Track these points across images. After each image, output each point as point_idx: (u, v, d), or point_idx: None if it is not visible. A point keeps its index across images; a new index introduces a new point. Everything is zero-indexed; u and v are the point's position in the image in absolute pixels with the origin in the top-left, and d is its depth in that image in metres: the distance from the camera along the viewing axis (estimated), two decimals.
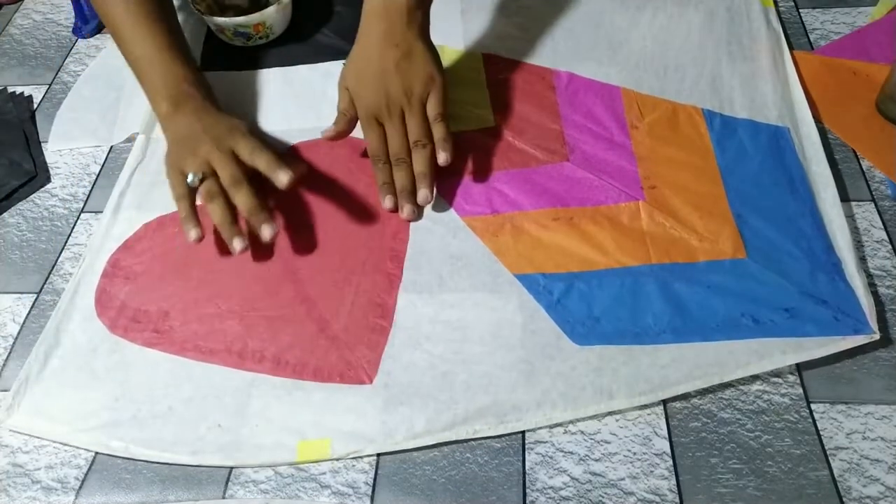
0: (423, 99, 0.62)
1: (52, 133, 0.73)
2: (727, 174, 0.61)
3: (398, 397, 0.52)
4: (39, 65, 0.80)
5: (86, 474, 0.51)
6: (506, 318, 0.55)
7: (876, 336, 0.51)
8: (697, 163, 0.63)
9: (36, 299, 0.60)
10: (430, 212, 0.62)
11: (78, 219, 0.66)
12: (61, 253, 0.63)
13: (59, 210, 0.67)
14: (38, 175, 0.69)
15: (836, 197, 0.59)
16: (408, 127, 0.62)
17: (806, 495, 0.46)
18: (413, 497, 0.48)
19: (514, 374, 0.52)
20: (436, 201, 0.62)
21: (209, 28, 0.78)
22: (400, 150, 0.61)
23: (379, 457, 0.50)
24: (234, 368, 0.54)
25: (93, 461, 0.51)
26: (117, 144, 0.71)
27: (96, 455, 0.52)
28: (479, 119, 0.68)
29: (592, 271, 0.57)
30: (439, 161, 0.60)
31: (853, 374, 0.51)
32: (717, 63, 0.70)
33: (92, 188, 0.68)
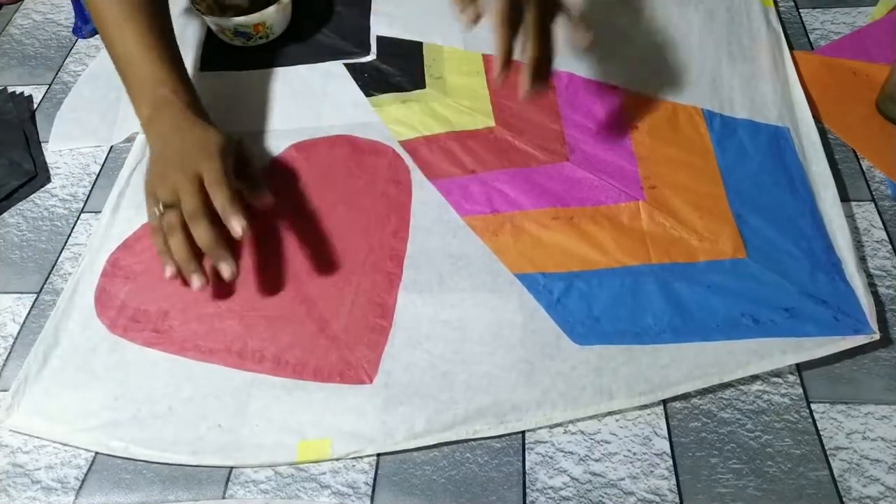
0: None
1: (52, 133, 0.73)
2: (727, 174, 0.62)
3: (398, 397, 0.52)
4: (39, 65, 0.80)
5: (86, 474, 0.51)
6: (506, 318, 0.55)
7: (876, 336, 0.51)
8: (697, 163, 0.63)
9: (36, 299, 0.60)
10: (430, 211, 0.62)
11: (78, 219, 0.66)
12: (61, 253, 0.63)
13: (59, 210, 0.67)
14: (38, 175, 0.69)
15: (836, 197, 0.59)
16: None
17: (806, 495, 0.46)
18: (413, 497, 0.48)
19: (514, 374, 0.52)
20: (436, 201, 0.62)
21: (209, 28, 0.78)
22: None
23: (379, 457, 0.50)
24: (234, 368, 0.54)
25: (93, 461, 0.51)
26: (117, 144, 0.71)
27: (96, 455, 0.52)
28: (479, 119, 0.68)
29: (592, 271, 0.57)
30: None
31: (853, 374, 0.51)
32: (717, 63, 0.70)
33: (92, 188, 0.68)
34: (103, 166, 0.69)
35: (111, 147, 0.71)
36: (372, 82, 0.72)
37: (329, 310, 0.57)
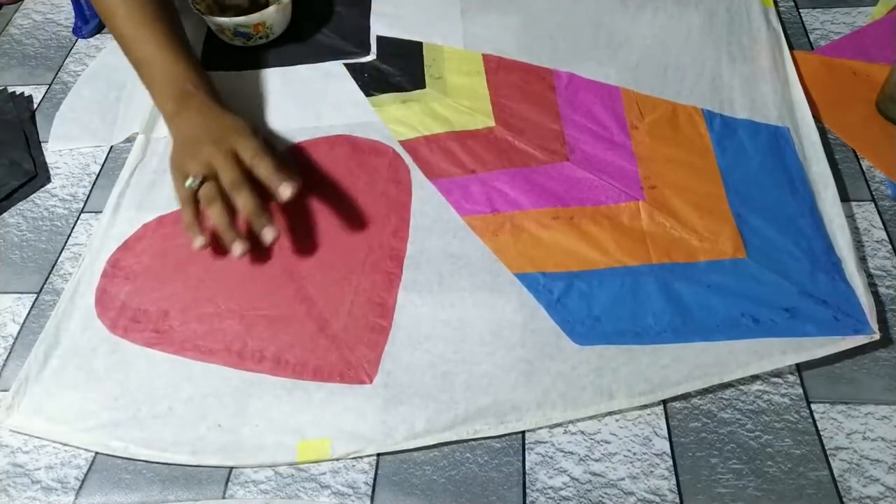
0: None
1: (52, 133, 0.73)
2: (727, 174, 0.61)
3: (398, 397, 0.52)
4: (39, 65, 0.80)
5: (86, 474, 0.51)
6: (506, 318, 0.55)
7: (876, 336, 0.51)
8: (697, 163, 0.63)
9: (36, 299, 0.60)
10: (431, 211, 0.62)
11: (78, 219, 0.66)
12: (61, 253, 0.63)
13: (59, 210, 0.67)
14: (38, 175, 0.69)
15: (836, 197, 0.59)
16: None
17: (806, 495, 0.46)
18: (413, 497, 0.48)
19: (514, 374, 0.52)
20: (436, 201, 0.62)
21: (209, 28, 0.78)
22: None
23: (379, 457, 0.50)
24: (234, 368, 0.54)
25: (93, 461, 0.51)
26: (117, 144, 0.71)
27: (96, 455, 0.52)
28: (479, 119, 0.68)
29: (592, 271, 0.57)
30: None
31: (853, 374, 0.51)
32: (717, 63, 0.70)
33: (92, 188, 0.68)
34: (103, 166, 0.69)
35: (111, 147, 0.71)
36: (372, 82, 0.72)
37: (329, 309, 0.57)
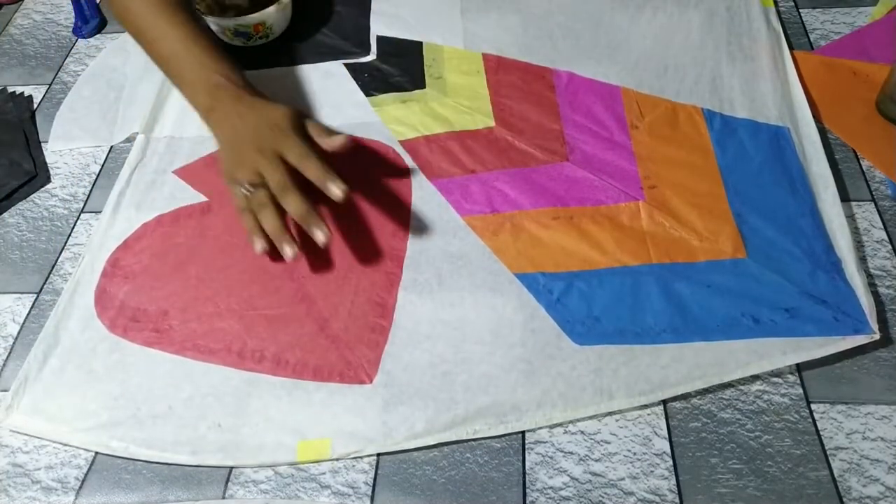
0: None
1: (52, 133, 0.73)
2: (727, 174, 0.61)
3: (398, 397, 0.52)
4: (39, 65, 0.80)
5: (86, 474, 0.51)
6: (506, 318, 0.55)
7: (876, 336, 0.51)
8: (697, 162, 0.63)
9: (36, 299, 0.60)
10: (430, 211, 0.62)
11: (78, 219, 0.66)
12: (61, 253, 0.63)
13: (59, 210, 0.67)
14: (38, 175, 0.69)
15: (836, 197, 0.59)
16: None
17: (806, 495, 0.46)
18: (413, 497, 0.48)
19: (514, 374, 0.52)
20: (436, 200, 0.62)
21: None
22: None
23: (379, 457, 0.50)
24: (234, 368, 0.54)
25: (93, 461, 0.51)
26: (117, 144, 0.71)
27: (96, 455, 0.52)
28: (479, 119, 0.68)
29: (592, 270, 0.57)
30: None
31: (853, 374, 0.51)
32: (717, 63, 0.70)
33: (92, 188, 0.68)
34: (103, 166, 0.69)
35: (111, 147, 0.71)
36: (372, 82, 0.72)
37: (329, 309, 0.57)
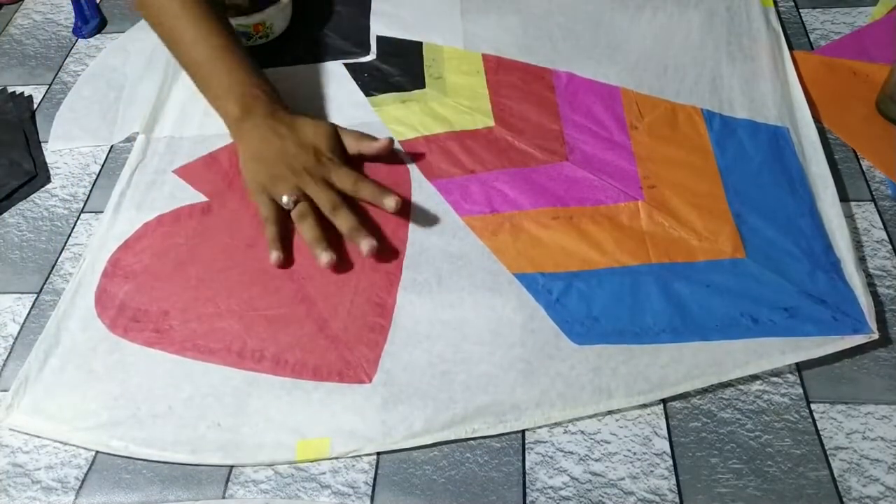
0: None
1: (52, 133, 0.73)
2: (727, 174, 0.61)
3: (397, 396, 0.52)
4: (39, 65, 0.80)
5: (86, 474, 0.51)
6: (505, 318, 0.55)
7: (875, 336, 0.51)
8: (697, 163, 0.63)
9: (36, 299, 0.61)
10: (430, 211, 0.62)
11: (78, 219, 0.66)
12: (61, 253, 0.63)
13: (59, 210, 0.67)
14: (38, 175, 0.69)
15: (836, 197, 0.59)
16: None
17: (806, 495, 0.46)
18: (413, 497, 0.48)
19: (513, 374, 0.52)
20: (435, 201, 0.62)
21: None
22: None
23: (379, 457, 0.50)
24: (234, 368, 0.54)
25: (93, 461, 0.51)
26: (117, 144, 0.71)
27: (96, 455, 0.52)
28: (479, 119, 0.68)
29: (592, 270, 0.57)
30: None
31: (853, 374, 0.51)
32: (717, 63, 0.70)
33: (92, 188, 0.68)
34: (103, 166, 0.70)
35: (111, 147, 0.71)
36: (372, 82, 0.72)
37: (328, 309, 0.57)
